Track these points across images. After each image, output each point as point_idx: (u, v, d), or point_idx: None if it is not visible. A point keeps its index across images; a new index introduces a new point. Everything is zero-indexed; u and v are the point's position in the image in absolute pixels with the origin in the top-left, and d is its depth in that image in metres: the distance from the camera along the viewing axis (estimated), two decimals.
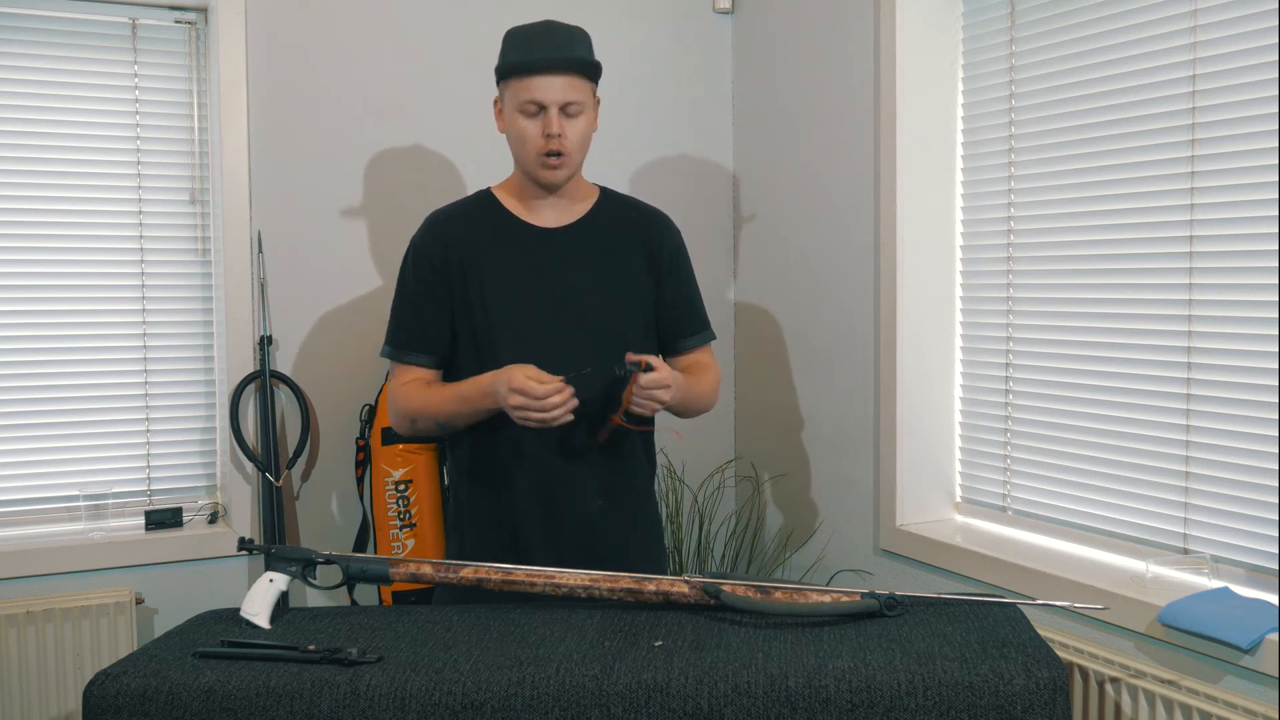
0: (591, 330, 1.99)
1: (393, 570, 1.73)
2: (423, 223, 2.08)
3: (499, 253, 2.01)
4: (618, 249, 2.05)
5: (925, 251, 2.56)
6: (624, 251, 2.06)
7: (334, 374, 2.78)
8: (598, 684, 1.45)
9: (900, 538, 2.56)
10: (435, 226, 2.06)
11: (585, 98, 1.96)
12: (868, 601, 1.62)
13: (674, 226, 2.14)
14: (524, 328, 1.97)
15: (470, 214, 2.06)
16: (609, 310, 2.01)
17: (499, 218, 2.04)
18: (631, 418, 1.91)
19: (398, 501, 2.63)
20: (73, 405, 2.66)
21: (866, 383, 2.67)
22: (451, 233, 2.02)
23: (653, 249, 2.08)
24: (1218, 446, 2.00)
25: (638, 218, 2.11)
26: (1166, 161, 2.07)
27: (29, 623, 2.44)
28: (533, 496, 1.98)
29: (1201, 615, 1.85)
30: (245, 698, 1.47)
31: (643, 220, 2.11)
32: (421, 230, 2.07)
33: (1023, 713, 1.41)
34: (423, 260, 2.02)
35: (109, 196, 2.67)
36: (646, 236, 2.08)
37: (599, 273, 2.02)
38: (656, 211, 2.15)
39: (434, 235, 2.04)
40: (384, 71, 2.80)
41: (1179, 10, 2.04)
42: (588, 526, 1.99)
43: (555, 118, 1.92)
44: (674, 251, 2.11)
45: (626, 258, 2.05)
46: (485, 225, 2.03)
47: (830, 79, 2.78)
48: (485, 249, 2.01)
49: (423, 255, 2.03)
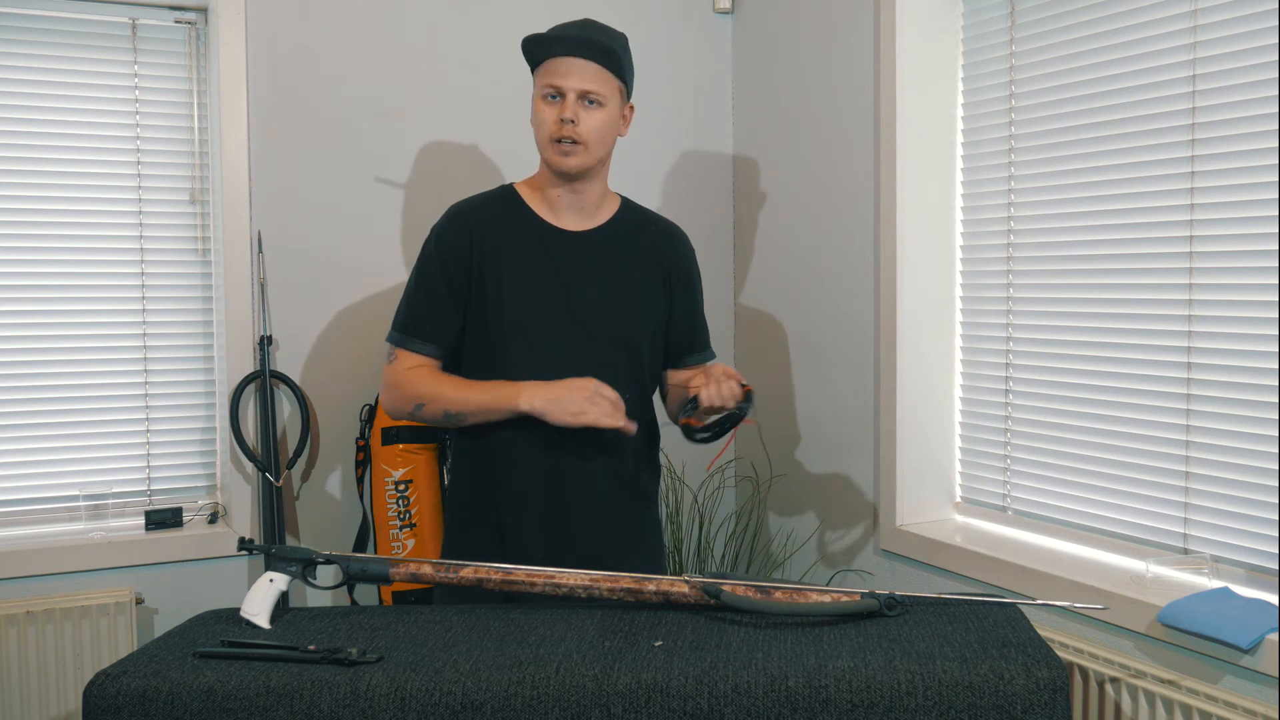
0: (601, 337, 1.99)
1: (393, 570, 1.73)
2: (445, 212, 2.06)
3: (520, 251, 2.00)
4: (635, 260, 2.06)
5: (925, 251, 2.56)
6: (641, 263, 2.06)
7: (334, 374, 2.78)
8: (598, 684, 1.45)
9: (900, 538, 2.56)
10: (460, 217, 2.03)
11: (608, 91, 1.95)
12: (868, 601, 1.62)
13: (689, 244, 2.16)
14: (535, 328, 1.97)
15: (493, 209, 2.04)
16: (620, 319, 2.02)
17: (522, 215, 2.03)
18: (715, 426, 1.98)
19: (398, 501, 2.63)
20: (73, 405, 2.66)
21: (866, 383, 2.67)
22: (476, 226, 2.01)
23: (668, 264, 2.09)
24: (1218, 446, 2.00)
25: (657, 232, 2.12)
26: (1166, 161, 2.07)
27: (29, 623, 2.44)
28: (537, 497, 1.98)
29: (1201, 615, 1.85)
30: (245, 698, 1.46)
31: (661, 235, 2.12)
32: (445, 220, 2.04)
33: (1023, 713, 1.41)
34: (446, 250, 2.00)
35: (109, 196, 2.67)
36: (664, 251, 2.10)
37: (614, 281, 2.03)
38: (675, 227, 2.16)
39: (458, 226, 2.02)
40: (384, 71, 2.81)
41: (1179, 10, 2.04)
42: (591, 528, 1.99)
43: (571, 103, 1.92)
44: (688, 269, 2.13)
45: (642, 270, 2.06)
46: (508, 221, 2.02)
47: (830, 79, 2.78)
48: (507, 245, 1.99)
49: (446, 245, 2.00)
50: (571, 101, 1.92)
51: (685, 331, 2.13)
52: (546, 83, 1.94)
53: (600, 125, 1.95)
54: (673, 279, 2.09)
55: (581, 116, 1.93)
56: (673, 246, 2.12)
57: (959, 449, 2.60)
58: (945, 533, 2.50)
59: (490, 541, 1.99)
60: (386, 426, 2.66)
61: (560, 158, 1.95)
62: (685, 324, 2.13)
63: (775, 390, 3.00)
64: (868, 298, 2.66)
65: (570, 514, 1.98)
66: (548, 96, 1.94)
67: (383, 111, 2.81)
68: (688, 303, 2.13)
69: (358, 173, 2.79)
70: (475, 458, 2.02)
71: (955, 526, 2.56)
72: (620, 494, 2.03)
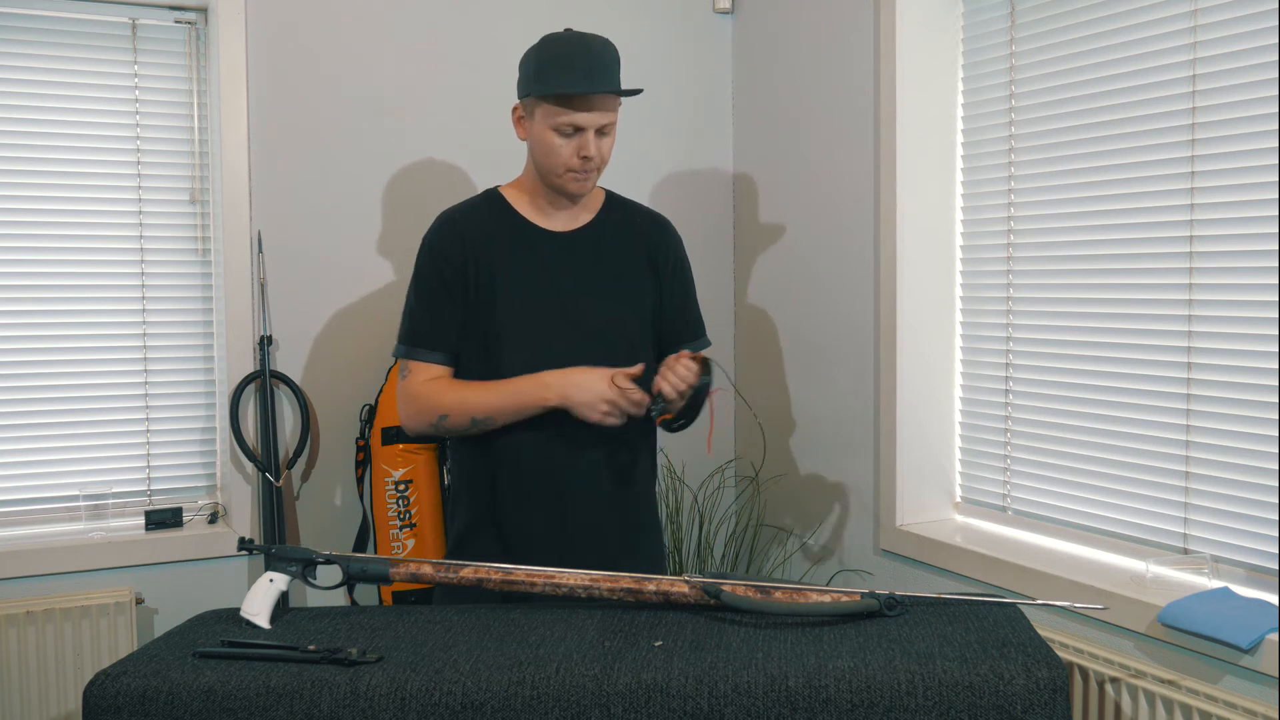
0: (595, 334, 2.00)
1: (392, 570, 1.73)
2: (435, 221, 2.06)
3: (511, 254, 2.01)
4: (623, 255, 2.07)
5: (925, 251, 2.56)
6: (629, 257, 2.07)
7: (334, 374, 2.78)
8: (598, 684, 1.45)
9: (900, 538, 2.56)
10: (450, 225, 2.04)
11: (616, 115, 1.98)
12: (868, 601, 1.62)
13: (675, 232, 2.17)
14: (530, 329, 1.98)
15: (482, 214, 2.05)
16: (614, 315, 2.03)
17: (510, 219, 2.04)
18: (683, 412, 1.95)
19: (398, 501, 2.63)
20: (73, 405, 2.66)
21: (866, 383, 2.67)
22: (467, 232, 2.02)
23: (656, 255, 2.10)
24: (1218, 446, 2.00)
25: (642, 223, 2.12)
26: (1166, 161, 2.07)
27: (29, 623, 2.44)
28: (538, 497, 1.98)
29: (1201, 615, 1.85)
30: (245, 698, 1.46)
31: (647, 226, 2.12)
32: (435, 228, 2.05)
33: (1023, 713, 1.41)
34: (439, 258, 2.01)
35: (109, 196, 2.67)
36: (650, 243, 2.10)
37: (605, 278, 2.04)
38: (659, 217, 2.17)
39: (449, 233, 2.02)
40: (384, 71, 2.81)
41: (1179, 10, 2.04)
42: (593, 527, 1.99)
43: (593, 140, 1.94)
44: (676, 257, 2.14)
45: (631, 263, 2.07)
46: (497, 226, 2.03)
47: (830, 79, 2.78)
48: (498, 250, 2.00)
49: (439, 253, 2.01)
50: (591, 137, 1.93)
51: (676, 319, 2.13)
52: (565, 121, 1.92)
53: (610, 147, 1.98)
54: (660, 268, 2.10)
55: (598, 146, 1.95)
56: (659, 236, 2.12)
57: (959, 449, 2.60)
58: (945, 533, 2.50)
59: (491, 540, 2.00)
60: (386, 426, 2.66)
61: (578, 185, 1.98)
62: (676, 312, 2.13)
63: (775, 390, 3.00)
64: (868, 298, 2.66)
65: (572, 513, 1.98)
66: (564, 132, 1.93)
67: (383, 111, 2.80)
68: (675, 290, 2.12)
69: (358, 173, 2.79)
70: (475, 459, 2.02)
71: (955, 526, 2.56)
72: (621, 493, 2.03)
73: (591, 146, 1.93)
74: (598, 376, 1.91)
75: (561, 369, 1.93)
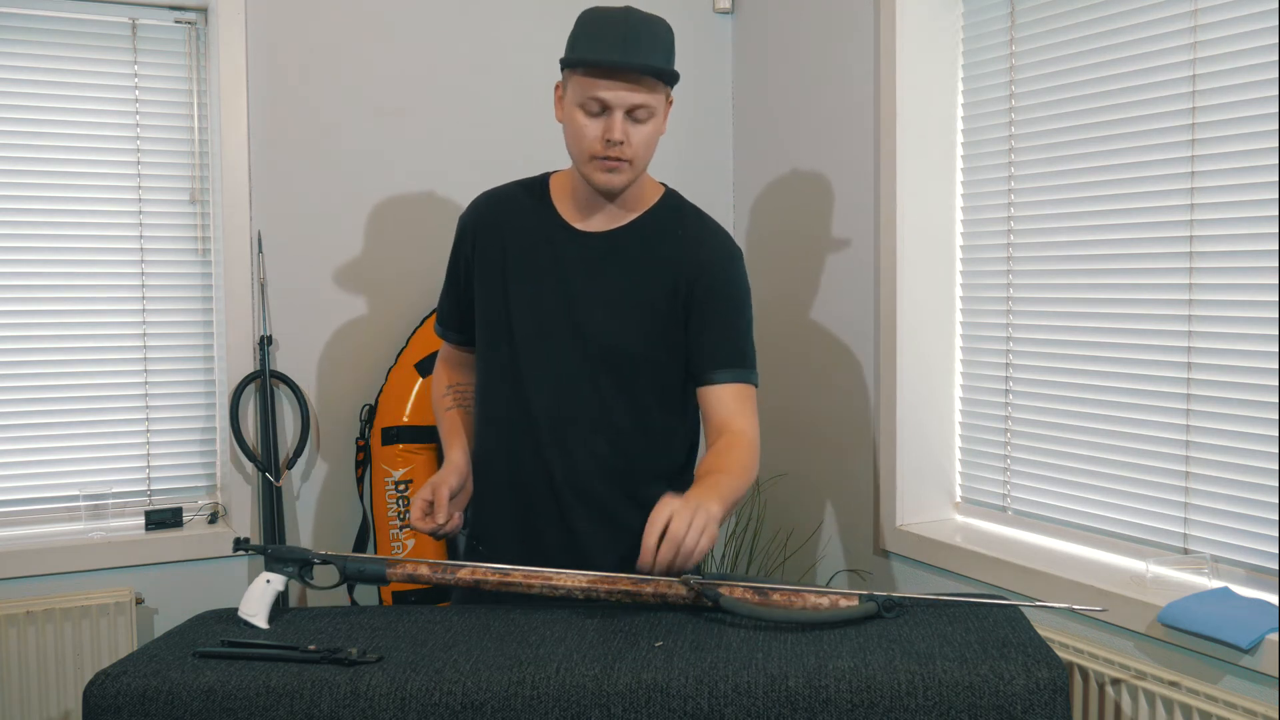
0: (588, 344, 1.86)
1: (390, 570, 1.73)
2: (471, 201, 2.00)
3: (529, 248, 1.90)
4: (645, 267, 1.86)
5: (925, 251, 2.56)
6: (651, 271, 1.86)
7: (334, 374, 2.78)
8: (598, 684, 1.45)
9: (900, 538, 2.56)
10: (474, 207, 1.98)
11: (657, 102, 1.76)
12: (866, 605, 1.62)
13: (725, 250, 1.91)
14: (525, 328, 1.89)
15: (517, 200, 1.95)
16: (613, 328, 1.86)
17: (541, 212, 1.91)
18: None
19: (398, 501, 2.63)
20: (73, 405, 2.66)
21: (866, 383, 2.67)
22: (493, 217, 1.94)
23: (683, 272, 1.85)
24: (1218, 446, 2.00)
25: (683, 235, 1.89)
26: (1166, 161, 2.07)
27: (29, 623, 2.44)
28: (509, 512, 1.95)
29: (1201, 615, 1.85)
30: (245, 698, 1.46)
31: (687, 240, 1.88)
32: (469, 210, 1.99)
33: (1023, 713, 1.41)
34: (460, 240, 1.98)
35: (109, 196, 2.67)
36: (682, 261, 1.86)
37: (615, 287, 1.86)
38: (707, 233, 1.92)
39: (469, 215, 1.98)
40: (384, 71, 2.80)
41: (1179, 10, 2.04)
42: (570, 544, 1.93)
43: (619, 122, 1.73)
44: (712, 282, 1.87)
45: (651, 278, 1.86)
46: (524, 217, 1.92)
47: (830, 79, 2.78)
48: (517, 241, 1.90)
49: (460, 235, 1.99)
50: (619, 119, 1.73)
51: (703, 346, 1.87)
52: (590, 95, 1.72)
53: (648, 139, 1.78)
54: (683, 288, 1.85)
55: (629, 133, 1.75)
56: (695, 253, 1.87)
57: (959, 449, 2.60)
58: (945, 533, 2.50)
59: (472, 550, 2.00)
60: (386, 426, 2.66)
61: (604, 175, 1.78)
62: (703, 337, 1.87)
63: (775, 390, 3.00)
64: (868, 298, 2.66)
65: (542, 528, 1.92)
66: (590, 110, 1.74)
67: (383, 111, 2.80)
68: (708, 314, 1.86)
69: (358, 173, 2.79)
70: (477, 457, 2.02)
71: (955, 526, 2.56)
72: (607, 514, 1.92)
73: (618, 130, 1.72)
74: (440, 477, 1.91)
75: (450, 462, 1.95)
